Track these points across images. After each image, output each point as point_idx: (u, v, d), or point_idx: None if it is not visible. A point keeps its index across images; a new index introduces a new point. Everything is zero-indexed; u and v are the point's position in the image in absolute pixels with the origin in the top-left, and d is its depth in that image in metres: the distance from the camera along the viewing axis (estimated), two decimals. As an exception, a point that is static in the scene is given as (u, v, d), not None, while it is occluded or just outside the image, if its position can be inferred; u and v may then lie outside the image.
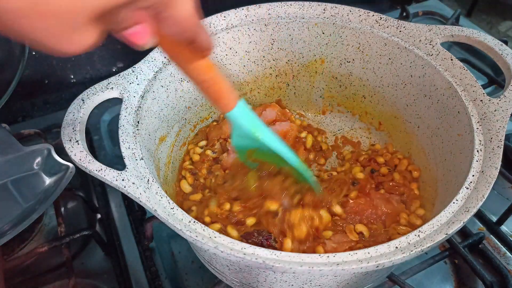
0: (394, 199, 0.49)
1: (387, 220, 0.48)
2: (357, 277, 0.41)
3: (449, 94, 0.47)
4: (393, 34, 0.52)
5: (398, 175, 0.52)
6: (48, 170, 0.53)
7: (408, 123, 0.55)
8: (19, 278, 0.52)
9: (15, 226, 0.48)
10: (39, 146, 0.55)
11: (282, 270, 0.33)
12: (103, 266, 0.53)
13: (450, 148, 0.46)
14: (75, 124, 0.42)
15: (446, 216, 0.36)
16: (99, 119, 0.70)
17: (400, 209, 0.48)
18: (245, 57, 0.57)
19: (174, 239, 0.55)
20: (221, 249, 0.33)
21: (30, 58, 0.65)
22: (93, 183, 0.61)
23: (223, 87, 0.37)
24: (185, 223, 0.36)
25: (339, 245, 0.44)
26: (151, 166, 0.43)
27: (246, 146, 0.44)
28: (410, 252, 0.33)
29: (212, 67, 0.35)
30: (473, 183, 0.38)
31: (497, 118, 0.42)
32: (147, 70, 0.48)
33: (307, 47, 0.58)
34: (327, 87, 0.61)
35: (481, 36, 0.49)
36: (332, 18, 0.55)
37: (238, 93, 0.40)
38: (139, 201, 0.37)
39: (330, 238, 0.45)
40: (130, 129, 0.43)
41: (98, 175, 0.38)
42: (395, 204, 0.48)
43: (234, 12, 0.54)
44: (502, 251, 0.53)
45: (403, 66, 0.52)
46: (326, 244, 0.44)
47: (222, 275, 0.46)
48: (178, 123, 0.54)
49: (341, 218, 0.47)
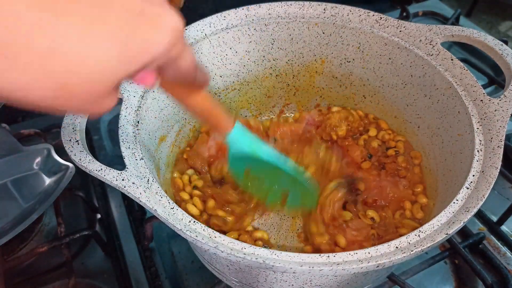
0: (402, 183, 0.50)
1: (392, 205, 0.49)
2: (357, 277, 0.41)
3: (449, 94, 0.47)
4: (393, 34, 0.52)
5: (401, 158, 0.53)
6: (48, 170, 0.54)
7: (408, 123, 0.55)
8: (19, 278, 0.52)
9: (15, 226, 0.48)
10: (39, 146, 0.55)
11: (282, 270, 0.33)
12: (103, 266, 0.53)
13: (450, 148, 0.46)
14: (75, 124, 0.42)
15: (446, 216, 0.36)
16: (99, 119, 0.70)
17: (405, 195, 0.50)
18: (245, 57, 0.57)
19: (174, 239, 0.55)
20: (221, 249, 0.33)
21: (30, 58, 0.65)
22: (93, 183, 0.61)
23: (220, 113, 0.39)
24: (185, 223, 0.36)
25: (359, 232, 0.46)
26: (151, 166, 0.43)
27: (242, 166, 0.46)
28: (410, 252, 0.33)
29: (208, 97, 0.37)
30: (473, 183, 0.38)
31: (498, 118, 0.42)
32: (147, 70, 0.48)
33: (307, 47, 0.58)
34: (327, 87, 0.61)
35: (481, 36, 0.49)
36: (332, 18, 0.55)
37: (233, 116, 0.42)
38: (139, 201, 0.37)
39: (349, 226, 0.47)
40: (130, 129, 0.43)
41: (98, 175, 0.38)
42: (401, 188, 0.50)
43: (234, 12, 0.54)
44: (503, 251, 0.53)
45: (403, 66, 0.52)
46: (346, 232, 0.46)
47: (222, 275, 0.46)
48: (178, 123, 0.54)
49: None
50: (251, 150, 0.43)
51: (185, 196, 0.50)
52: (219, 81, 0.57)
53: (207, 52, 0.54)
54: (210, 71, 0.55)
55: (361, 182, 0.51)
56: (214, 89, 0.58)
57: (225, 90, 0.59)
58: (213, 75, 0.56)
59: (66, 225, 0.54)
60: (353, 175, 0.52)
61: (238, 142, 0.42)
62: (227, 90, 0.59)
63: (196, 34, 0.52)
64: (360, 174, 0.52)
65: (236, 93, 0.60)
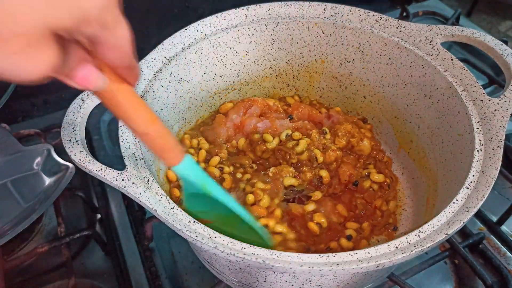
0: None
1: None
2: (357, 277, 0.41)
3: (449, 94, 0.47)
4: (393, 34, 0.52)
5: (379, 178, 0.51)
6: (48, 170, 0.54)
7: (408, 123, 0.55)
8: (19, 278, 0.52)
9: (15, 226, 0.48)
10: (39, 146, 0.55)
11: (282, 270, 0.33)
12: (103, 266, 0.53)
13: (450, 148, 0.46)
14: (75, 124, 0.42)
15: (446, 216, 0.36)
16: (99, 119, 0.70)
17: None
18: (245, 57, 0.57)
19: (174, 239, 0.55)
20: (221, 249, 0.33)
21: (30, 58, 0.65)
22: (93, 183, 0.61)
23: (168, 140, 0.36)
24: (185, 223, 0.36)
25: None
26: (151, 166, 0.43)
27: (199, 212, 0.42)
28: (410, 252, 0.33)
29: (156, 120, 0.34)
30: (473, 183, 0.38)
31: (497, 118, 0.42)
32: (147, 70, 0.48)
33: (307, 47, 0.58)
34: (327, 87, 0.61)
35: (481, 36, 0.49)
36: (332, 18, 0.55)
37: (184, 148, 0.39)
38: (139, 201, 0.37)
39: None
40: (130, 129, 0.43)
41: (98, 175, 0.38)
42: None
43: (234, 12, 0.54)
44: (502, 251, 0.53)
45: (403, 66, 0.52)
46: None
47: (222, 275, 0.46)
48: (178, 123, 0.54)
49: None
50: (202, 187, 0.40)
51: (191, 151, 0.52)
52: (219, 81, 0.57)
53: (207, 52, 0.54)
54: (210, 71, 0.55)
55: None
56: (214, 89, 0.58)
57: (225, 90, 0.59)
58: (213, 75, 0.56)
59: (66, 225, 0.54)
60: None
61: (187, 177, 0.39)
62: (227, 90, 0.59)
63: (196, 34, 0.52)
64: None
65: (236, 93, 0.60)
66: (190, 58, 0.52)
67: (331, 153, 0.51)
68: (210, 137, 0.55)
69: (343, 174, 0.50)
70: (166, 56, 0.50)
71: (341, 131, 0.53)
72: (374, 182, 0.51)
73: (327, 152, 0.51)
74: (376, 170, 0.52)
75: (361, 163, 0.53)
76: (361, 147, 0.53)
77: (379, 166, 0.53)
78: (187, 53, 0.52)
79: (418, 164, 0.53)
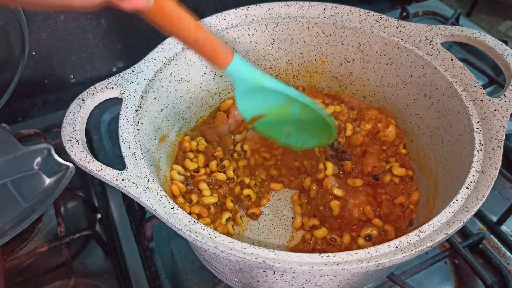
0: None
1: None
2: (357, 277, 0.41)
3: (449, 94, 0.47)
4: (393, 34, 0.52)
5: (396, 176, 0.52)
6: (48, 170, 0.54)
7: (408, 123, 0.55)
8: (19, 278, 0.52)
9: (15, 226, 0.48)
10: (39, 146, 0.55)
11: (282, 270, 0.33)
12: (103, 266, 0.53)
13: (450, 148, 0.46)
14: (75, 124, 0.42)
15: (446, 216, 0.36)
16: (99, 119, 0.70)
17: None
18: (245, 57, 0.57)
19: (174, 239, 0.55)
20: (221, 249, 0.33)
21: (30, 58, 0.66)
22: (93, 183, 0.61)
23: (216, 43, 0.39)
24: (185, 223, 0.36)
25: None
26: (151, 166, 0.43)
27: (252, 109, 0.45)
28: (410, 252, 0.33)
29: (200, 27, 0.37)
30: (473, 183, 0.38)
31: (497, 118, 0.42)
32: (147, 70, 0.48)
33: (307, 47, 0.58)
34: (327, 87, 0.61)
35: (481, 36, 0.49)
36: (332, 18, 0.55)
37: (231, 48, 0.41)
38: (139, 201, 0.37)
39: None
40: (130, 129, 0.43)
41: (98, 175, 0.38)
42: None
43: (234, 12, 0.54)
44: (502, 251, 0.53)
45: (403, 66, 0.52)
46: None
47: (222, 275, 0.46)
48: (178, 123, 0.54)
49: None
50: (255, 81, 0.42)
51: (191, 155, 0.53)
52: (219, 81, 0.57)
53: (207, 52, 0.54)
54: (210, 71, 0.56)
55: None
56: (214, 89, 0.58)
57: (225, 90, 0.59)
58: (213, 75, 0.56)
59: (66, 225, 0.54)
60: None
61: (240, 74, 0.41)
62: (227, 90, 0.59)
63: (196, 34, 0.52)
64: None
65: (236, 93, 0.60)
66: (190, 58, 0.52)
67: (358, 137, 0.52)
68: (210, 136, 0.55)
69: (367, 164, 0.51)
70: (166, 56, 0.50)
71: (368, 115, 0.54)
72: (395, 175, 0.51)
73: (355, 135, 0.52)
74: (399, 163, 0.53)
75: (383, 157, 0.53)
76: (387, 133, 0.53)
77: (402, 158, 0.53)
78: (187, 53, 0.52)
79: (418, 164, 0.53)
